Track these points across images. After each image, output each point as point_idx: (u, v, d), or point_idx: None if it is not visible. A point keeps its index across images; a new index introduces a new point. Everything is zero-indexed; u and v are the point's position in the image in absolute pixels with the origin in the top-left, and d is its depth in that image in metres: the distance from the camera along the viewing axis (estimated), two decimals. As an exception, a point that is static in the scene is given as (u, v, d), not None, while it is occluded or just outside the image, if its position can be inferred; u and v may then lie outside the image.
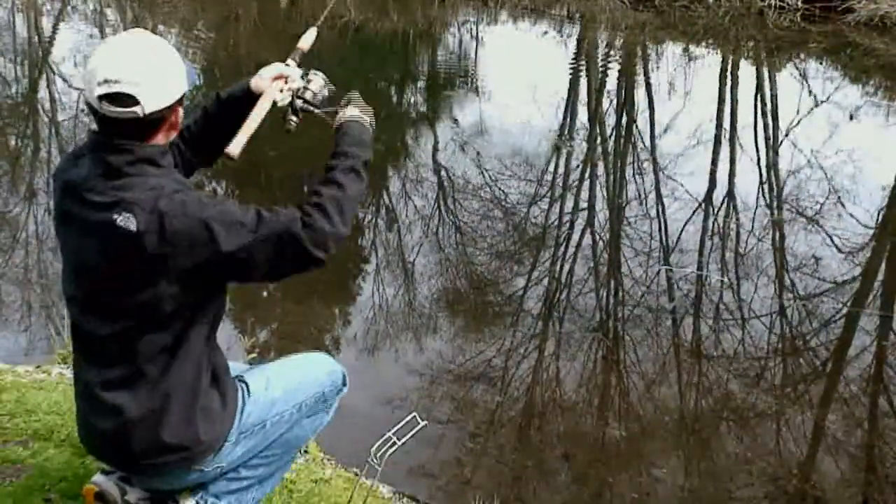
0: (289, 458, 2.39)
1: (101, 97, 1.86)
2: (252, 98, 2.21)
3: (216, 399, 2.07)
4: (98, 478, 2.23)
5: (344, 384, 2.37)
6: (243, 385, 2.18)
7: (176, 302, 1.93)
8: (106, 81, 1.85)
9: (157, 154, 1.95)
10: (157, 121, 1.92)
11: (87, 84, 1.89)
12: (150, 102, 1.88)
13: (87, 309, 2.02)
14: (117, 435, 2.02)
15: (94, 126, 1.95)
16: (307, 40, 2.39)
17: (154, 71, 1.90)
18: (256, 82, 2.25)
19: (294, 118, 2.22)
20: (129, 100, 1.86)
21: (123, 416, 1.99)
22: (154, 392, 1.98)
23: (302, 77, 2.26)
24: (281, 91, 2.22)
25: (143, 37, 1.96)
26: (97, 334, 2.00)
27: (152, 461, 2.04)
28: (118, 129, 1.90)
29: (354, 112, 2.18)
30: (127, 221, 1.87)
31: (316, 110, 2.23)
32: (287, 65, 2.29)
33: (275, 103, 2.19)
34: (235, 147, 2.09)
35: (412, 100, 11.16)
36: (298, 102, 2.21)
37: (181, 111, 2.01)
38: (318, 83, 2.25)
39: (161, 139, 1.97)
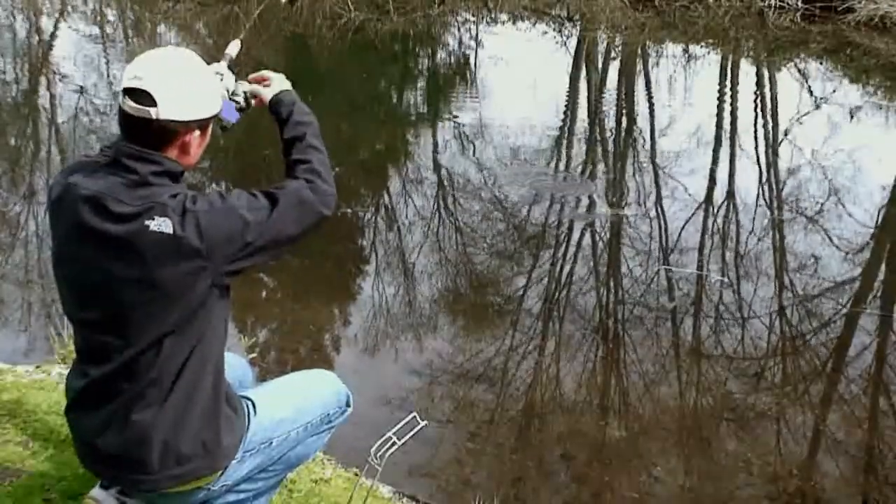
0: (287, 474, 2.41)
1: (125, 91, 1.91)
2: None
3: (228, 408, 2.08)
4: (96, 492, 2.21)
5: (348, 404, 2.38)
6: (249, 403, 2.17)
7: (204, 306, 1.94)
8: (135, 77, 1.90)
9: (179, 172, 1.99)
10: (168, 132, 1.93)
11: (121, 82, 1.95)
12: (165, 109, 1.90)
13: (107, 330, 1.96)
14: (136, 451, 1.98)
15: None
16: (233, 48, 2.51)
17: (179, 82, 1.93)
18: None
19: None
20: (147, 99, 1.89)
21: (145, 432, 1.96)
22: (176, 402, 1.97)
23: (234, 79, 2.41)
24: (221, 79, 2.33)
25: (183, 53, 2.01)
26: (123, 354, 1.95)
27: (175, 471, 2.01)
28: (133, 130, 1.92)
29: (282, 85, 2.38)
30: (161, 225, 1.87)
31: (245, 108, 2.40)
32: (219, 62, 2.40)
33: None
34: None
35: (412, 100, 11.16)
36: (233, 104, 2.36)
37: (198, 139, 2.00)
38: (244, 87, 2.41)
39: (173, 156, 1.97)
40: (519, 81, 10.76)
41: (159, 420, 1.97)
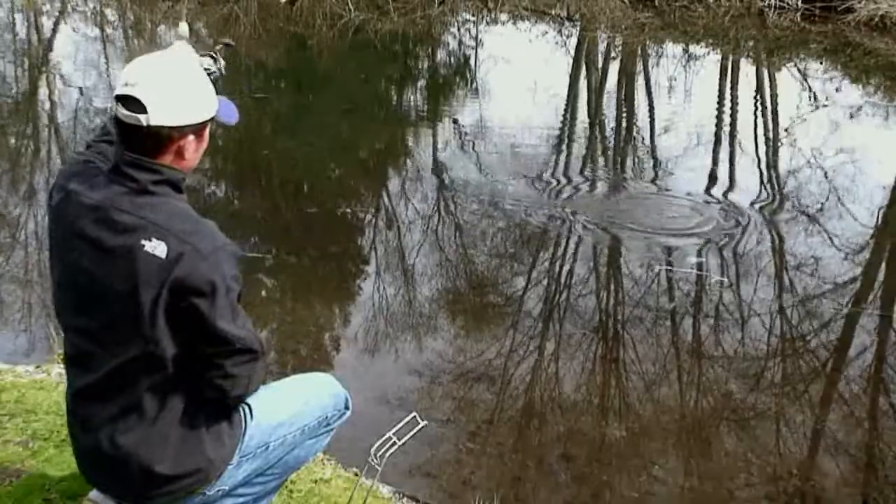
0: (286, 477, 2.40)
1: (118, 98, 1.89)
2: None
3: (221, 419, 2.07)
4: (95, 493, 2.21)
5: (346, 407, 2.36)
6: (246, 407, 2.16)
7: (189, 326, 1.93)
8: (126, 84, 1.89)
9: (180, 179, 1.97)
10: (161, 137, 1.90)
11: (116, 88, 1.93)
12: (157, 115, 1.87)
13: (95, 339, 1.96)
14: (126, 467, 1.98)
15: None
16: (184, 28, 2.52)
17: (171, 87, 1.90)
18: None
19: None
20: (138, 106, 1.87)
21: (131, 455, 1.96)
22: (161, 420, 1.96)
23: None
24: None
25: (176, 56, 2.02)
26: (107, 365, 1.95)
27: (163, 490, 2.01)
28: (128, 137, 1.90)
29: None
30: (156, 248, 1.86)
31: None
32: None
33: None
34: None
35: (412, 100, 11.16)
36: None
37: (193, 143, 1.97)
38: (206, 61, 2.38)
39: (168, 162, 1.94)
40: (519, 81, 10.76)
41: (145, 442, 1.96)
